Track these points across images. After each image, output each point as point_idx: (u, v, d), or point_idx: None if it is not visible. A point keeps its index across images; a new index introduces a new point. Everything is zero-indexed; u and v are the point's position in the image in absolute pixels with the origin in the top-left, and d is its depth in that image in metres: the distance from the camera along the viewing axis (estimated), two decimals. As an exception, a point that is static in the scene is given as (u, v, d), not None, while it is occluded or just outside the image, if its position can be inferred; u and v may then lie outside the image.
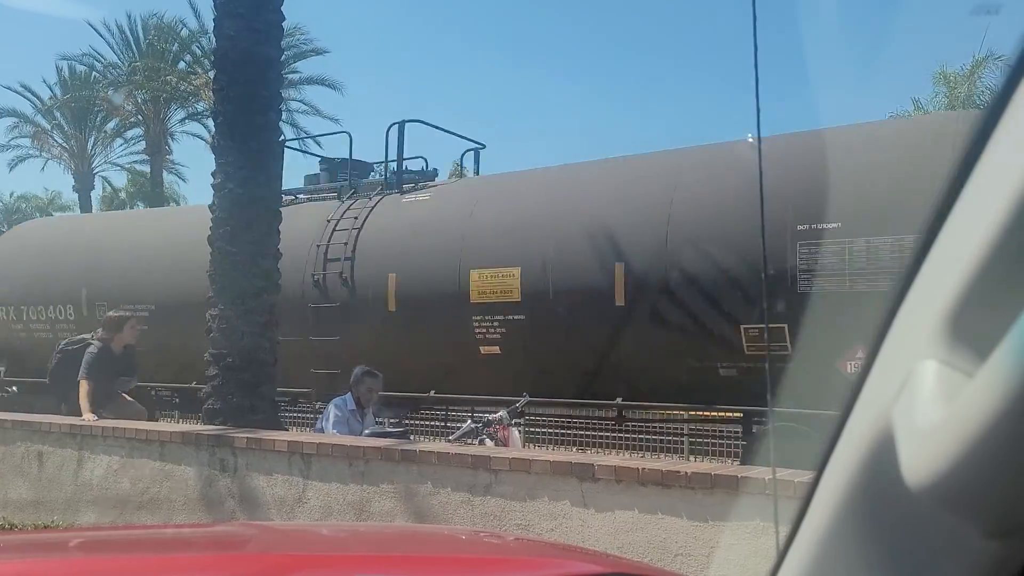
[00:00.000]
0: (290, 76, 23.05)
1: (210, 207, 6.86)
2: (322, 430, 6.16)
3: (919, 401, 0.56)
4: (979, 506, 0.52)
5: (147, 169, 28.80)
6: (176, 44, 25.98)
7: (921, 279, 0.60)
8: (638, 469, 3.77)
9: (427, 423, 9.24)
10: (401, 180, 9.88)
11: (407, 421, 7.31)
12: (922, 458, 0.55)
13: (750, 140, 7.34)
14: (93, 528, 4.73)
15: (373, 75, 73.33)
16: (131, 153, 29.80)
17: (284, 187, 8.40)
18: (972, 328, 0.53)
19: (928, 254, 0.59)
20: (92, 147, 29.03)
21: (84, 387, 6.55)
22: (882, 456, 0.61)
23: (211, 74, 8.03)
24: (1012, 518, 0.52)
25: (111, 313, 7.57)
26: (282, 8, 6.88)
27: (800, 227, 6.77)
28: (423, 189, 9.70)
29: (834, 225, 6.71)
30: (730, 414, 7.63)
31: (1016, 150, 0.49)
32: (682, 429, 8.54)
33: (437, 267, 8.49)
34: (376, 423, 6.38)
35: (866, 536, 0.68)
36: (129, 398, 7.14)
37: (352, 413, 6.23)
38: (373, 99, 68.12)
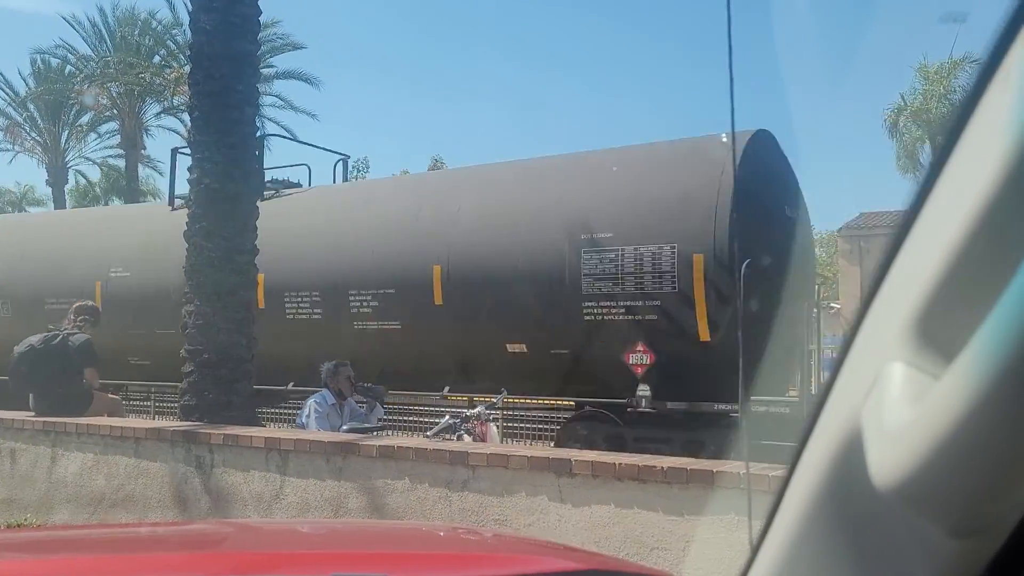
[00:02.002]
0: (266, 71, 22.84)
1: (186, 202, 6.80)
2: (303, 426, 6.15)
3: (887, 402, 0.57)
4: (944, 506, 0.53)
5: (122, 164, 28.44)
6: (150, 38, 25.66)
7: (890, 282, 0.61)
8: (615, 464, 3.79)
9: (405, 419, 9.25)
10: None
11: (386, 405, 7.32)
12: (890, 459, 0.56)
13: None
14: (67, 527, 4.68)
15: (355, 69, 72.84)
16: (106, 147, 29.45)
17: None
18: (939, 331, 0.54)
19: (896, 257, 0.60)
20: (66, 141, 28.63)
21: (96, 374, 6.55)
22: (851, 456, 0.62)
23: (186, 68, 7.92)
24: (976, 518, 0.53)
25: (91, 303, 7.28)
26: (258, 2, 6.82)
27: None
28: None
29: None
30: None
31: (983, 155, 0.50)
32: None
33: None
34: (361, 405, 6.43)
35: (836, 534, 0.69)
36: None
37: (333, 407, 6.24)
38: (355, 93, 67.69)
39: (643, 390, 7.33)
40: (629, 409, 7.50)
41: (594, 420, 7.80)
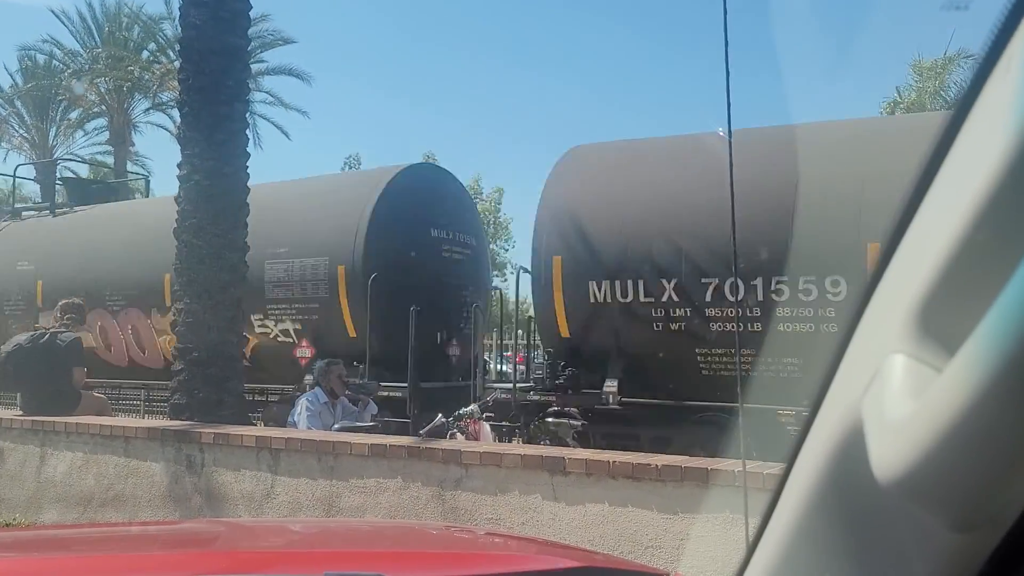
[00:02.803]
0: (256, 66, 22.77)
1: (176, 199, 6.76)
2: (294, 425, 6.13)
3: (888, 395, 0.57)
4: (946, 500, 0.53)
5: (111, 160, 28.29)
6: (139, 31, 25.53)
7: (889, 274, 0.60)
8: (609, 462, 3.79)
9: (398, 418, 9.31)
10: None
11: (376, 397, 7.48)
12: (890, 452, 0.55)
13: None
14: (56, 526, 4.65)
15: (347, 66, 72.71)
16: (94, 144, 29.27)
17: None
18: (940, 323, 0.54)
19: (897, 250, 0.59)
20: (54, 137, 28.44)
21: (83, 373, 6.48)
22: (851, 450, 0.62)
23: (176, 63, 7.90)
24: (978, 512, 0.52)
25: (76, 300, 7.04)
26: (249, -3, 6.79)
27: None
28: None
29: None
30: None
31: (984, 145, 0.50)
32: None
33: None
34: (357, 401, 6.44)
35: (835, 529, 0.69)
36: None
37: (324, 406, 6.22)
38: (346, 90, 67.60)
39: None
40: None
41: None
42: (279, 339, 9.69)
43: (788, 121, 7.81)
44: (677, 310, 7.28)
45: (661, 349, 7.42)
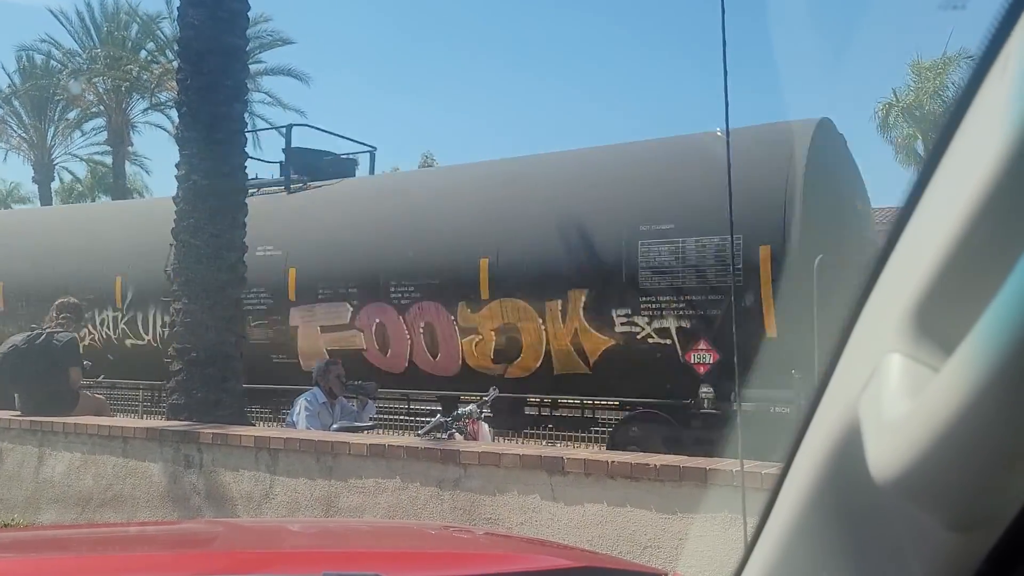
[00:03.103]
0: (255, 66, 22.76)
1: (174, 199, 6.75)
2: (293, 425, 6.12)
3: (885, 395, 0.57)
4: (943, 500, 0.53)
5: (109, 160, 28.26)
6: (138, 30, 25.50)
7: (887, 273, 0.61)
8: (607, 462, 3.79)
9: (396, 417, 9.25)
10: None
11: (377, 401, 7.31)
12: (888, 451, 0.55)
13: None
14: (54, 527, 4.65)
15: (344, 66, 72.69)
16: (92, 144, 29.24)
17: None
18: (937, 323, 0.54)
19: (894, 249, 0.60)
20: (52, 137, 28.40)
21: (80, 374, 6.43)
22: (848, 449, 0.62)
23: (175, 63, 7.90)
24: (975, 512, 0.52)
25: (72, 300, 6.98)
26: (248, -3, 6.79)
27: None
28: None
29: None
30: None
31: (982, 145, 0.50)
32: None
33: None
34: (356, 401, 6.42)
35: (832, 528, 0.69)
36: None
37: (323, 406, 6.21)
38: (344, 90, 67.55)
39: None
40: None
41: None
42: (651, 339, 7.59)
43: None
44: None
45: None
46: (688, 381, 7.29)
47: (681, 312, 7.43)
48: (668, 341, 7.47)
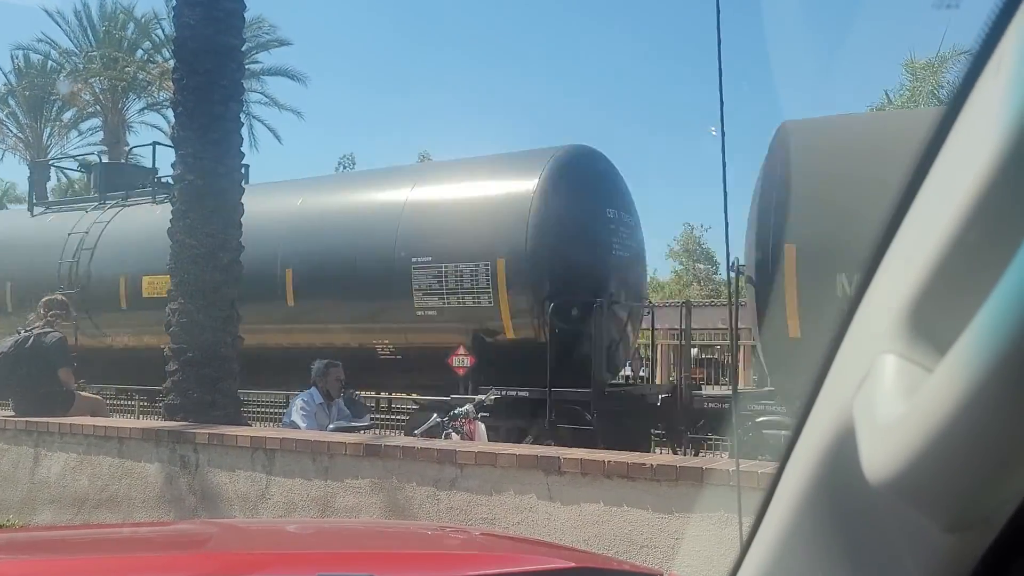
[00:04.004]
0: (251, 67, 22.73)
1: (170, 199, 6.75)
2: (291, 424, 6.11)
3: (879, 395, 0.56)
4: (938, 500, 0.53)
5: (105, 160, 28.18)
6: (134, 30, 25.46)
7: (881, 273, 0.60)
8: (604, 462, 3.79)
9: (392, 417, 9.28)
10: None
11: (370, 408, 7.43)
12: (882, 452, 0.55)
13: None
14: (50, 527, 4.64)
15: (341, 66, 72.61)
16: (88, 144, 29.17)
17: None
18: (931, 323, 0.53)
19: (888, 249, 0.59)
20: (48, 137, 28.33)
21: (70, 374, 6.37)
22: (843, 450, 0.61)
23: (171, 63, 7.89)
24: (970, 513, 0.52)
25: (59, 297, 6.88)
26: (243, -3, 6.78)
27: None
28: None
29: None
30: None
31: (977, 142, 0.49)
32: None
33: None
34: (353, 404, 6.42)
35: (827, 529, 0.68)
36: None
37: (320, 407, 6.20)
38: (340, 90, 67.47)
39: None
40: None
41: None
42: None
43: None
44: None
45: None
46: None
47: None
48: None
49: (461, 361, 8.50)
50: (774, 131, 7.37)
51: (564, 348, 8.14)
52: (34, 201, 14.05)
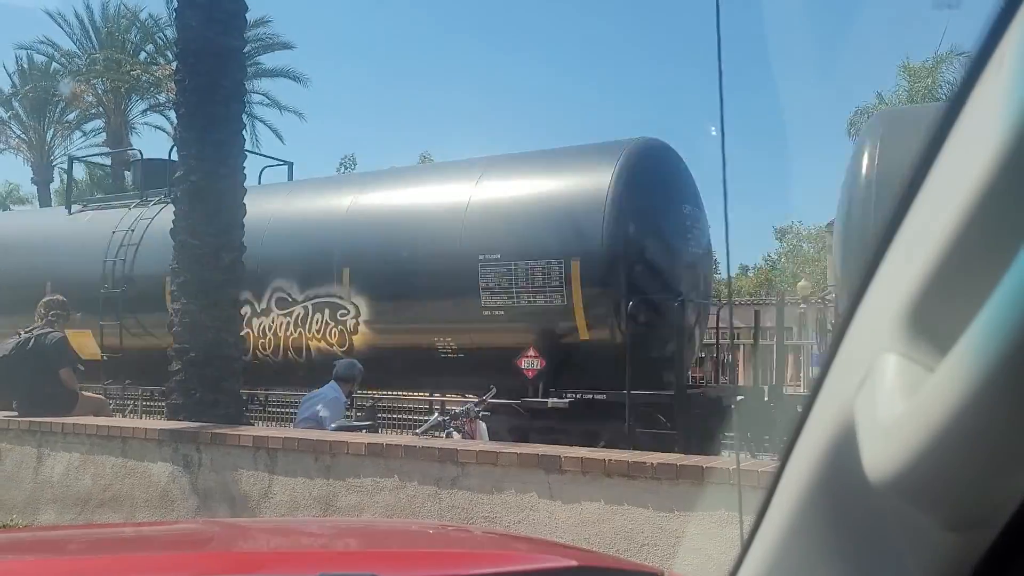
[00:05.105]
0: (253, 68, 22.74)
1: (173, 200, 6.75)
2: (316, 415, 6.05)
3: (880, 394, 0.56)
4: (939, 499, 0.53)
5: (108, 162, 28.21)
6: (137, 32, 25.49)
7: (882, 272, 0.60)
8: (604, 460, 3.79)
9: (394, 416, 9.27)
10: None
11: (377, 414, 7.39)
12: (883, 451, 0.55)
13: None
14: (53, 527, 4.64)
15: (342, 66, 72.64)
16: (91, 145, 29.20)
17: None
18: (932, 322, 0.53)
19: (889, 248, 0.59)
20: (51, 139, 28.37)
21: (72, 374, 6.35)
22: (844, 449, 0.61)
23: (173, 64, 7.89)
24: (971, 511, 0.52)
25: (60, 297, 6.88)
26: (245, -2, 6.78)
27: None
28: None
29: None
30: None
31: (978, 141, 0.49)
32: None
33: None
34: (358, 410, 6.43)
35: (828, 528, 0.68)
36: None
37: (344, 404, 6.22)
38: (341, 91, 67.53)
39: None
40: None
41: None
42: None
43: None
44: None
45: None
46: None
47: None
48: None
49: (531, 363, 8.05)
50: (868, 120, 7.22)
51: (642, 349, 7.83)
52: (72, 199, 13.64)
